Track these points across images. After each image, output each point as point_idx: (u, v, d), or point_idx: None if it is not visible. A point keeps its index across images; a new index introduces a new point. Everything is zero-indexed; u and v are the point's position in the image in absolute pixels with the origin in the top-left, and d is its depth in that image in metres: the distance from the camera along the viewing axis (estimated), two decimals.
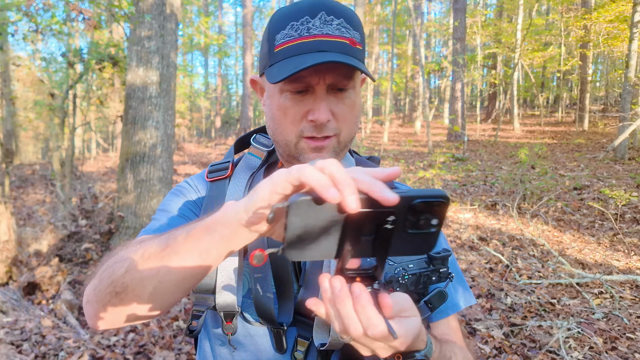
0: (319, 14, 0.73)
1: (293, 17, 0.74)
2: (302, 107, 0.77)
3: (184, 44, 25.39)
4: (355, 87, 0.79)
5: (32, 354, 2.85)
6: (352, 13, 0.78)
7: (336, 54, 0.72)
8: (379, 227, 0.47)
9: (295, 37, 0.74)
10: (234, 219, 0.55)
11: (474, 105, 25.36)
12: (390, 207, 0.45)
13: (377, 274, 0.54)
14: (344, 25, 0.75)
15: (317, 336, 0.77)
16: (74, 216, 5.67)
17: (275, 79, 0.72)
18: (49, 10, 5.90)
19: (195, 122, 29.47)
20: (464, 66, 15.00)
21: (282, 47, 0.75)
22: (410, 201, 0.46)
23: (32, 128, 16.67)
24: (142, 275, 0.61)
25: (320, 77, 0.74)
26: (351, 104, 0.79)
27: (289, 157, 0.83)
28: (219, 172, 0.89)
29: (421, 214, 0.47)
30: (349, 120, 0.80)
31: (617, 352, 2.78)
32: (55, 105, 7.56)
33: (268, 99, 0.82)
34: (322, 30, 0.73)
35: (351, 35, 0.76)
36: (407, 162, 11.68)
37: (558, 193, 7.10)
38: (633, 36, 9.14)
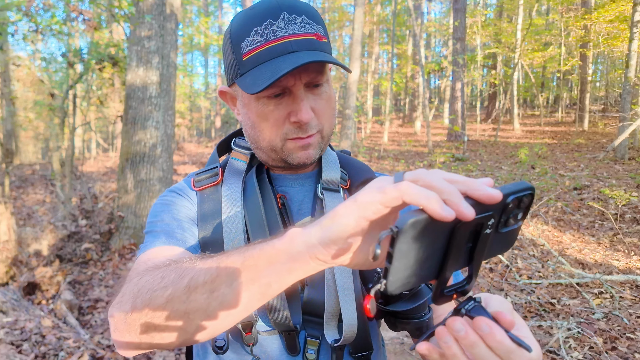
0: (281, 15, 0.73)
1: (255, 22, 0.73)
2: (283, 110, 0.76)
3: (184, 44, 25.41)
4: (328, 80, 0.80)
5: (32, 354, 2.85)
6: (311, 8, 0.78)
7: (306, 52, 0.72)
8: (479, 233, 0.45)
9: (262, 42, 0.72)
10: (305, 251, 0.48)
11: (474, 105, 25.37)
12: (491, 210, 0.43)
13: (471, 285, 0.49)
14: (307, 21, 0.75)
15: (328, 333, 0.77)
16: (74, 216, 5.67)
17: (253, 89, 0.71)
18: (49, 10, 5.90)
19: (195, 122, 29.47)
20: (464, 66, 15.00)
21: (251, 54, 0.73)
22: (505, 199, 0.43)
23: (32, 128, 16.68)
24: (188, 308, 0.55)
25: (295, 78, 0.74)
26: (327, 97, 0.80)
27: (275, 161, 0.83)
28: (209, 180, 0.86)
29: (512, 210, 0.45)
30: (328, 114, 0.81)
31: (617, 352, 2.78)
32: (55, 105, 7.56)
33: (243, 108, 0.81)
34: (288, 30, 0.72)
35: (316, 30, 0.75)
36: (407, 162, 11.68)
37: (558, 193, 7.10)
38: (633, 36, 9.14)
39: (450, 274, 0.46)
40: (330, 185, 0.86)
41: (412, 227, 0.40)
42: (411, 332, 0.80)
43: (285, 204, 0.85)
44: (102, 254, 5.09)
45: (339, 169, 0.89)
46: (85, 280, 4.50)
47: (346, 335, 0.75)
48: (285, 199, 0.86)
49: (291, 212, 0.85)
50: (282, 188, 0.88)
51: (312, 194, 0.88)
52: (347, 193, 0.89)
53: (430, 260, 0.44)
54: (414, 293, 0.77)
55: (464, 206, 0.41)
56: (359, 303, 0.77)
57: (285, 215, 0.84)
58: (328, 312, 0.78)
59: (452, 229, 0.43)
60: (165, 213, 0.82)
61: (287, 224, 0.83)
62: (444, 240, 0.43)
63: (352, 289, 0.77)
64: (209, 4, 33.95)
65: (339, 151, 1.00)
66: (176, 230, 0.79)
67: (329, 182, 0.86)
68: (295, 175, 0.89)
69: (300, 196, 0.87)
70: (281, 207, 0.85)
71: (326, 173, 0.86)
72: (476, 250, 0.46)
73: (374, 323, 0.86)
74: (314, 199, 0.87)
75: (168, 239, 0.77)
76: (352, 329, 0.76)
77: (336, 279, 0.77)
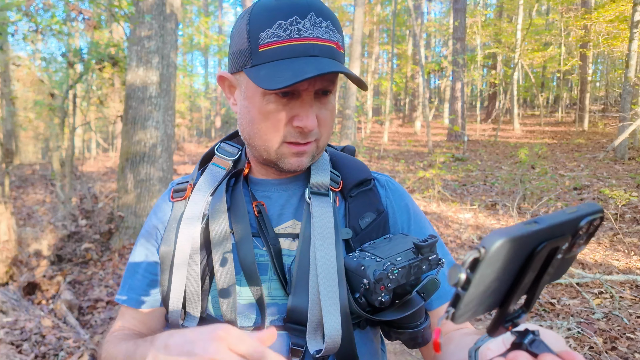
0: (309, 15, 0.70)
1: (280, 15, 0.70)
2: (288, 112, 0.74)
3: (184, 44, 25.40)
4: (335, 91, 0.78)
5: (32, 353, 2.85)
6: (334, 15, 0.76)
7: (328, 60, 0.70)
8: (551, 257, 0.41)
9: (285, 39, 0.69)
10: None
11: (474, 105, 25.37)
12: (566, 232, 0.39)
13: (527, 315, 0.46)
14: (331, 28, 0.73)
15: (311, 343, 0.74)
16: (74, 216, 5.67)
17: (271, 85, 0.68)
18: (49, 10, 5.90)
19: (195, 122, 29.46)
20: (464, 66, 15.00)
21: (269, 47, 0.70)
22: (579, 222, 0.40)
23: (32, 128, 16.67)
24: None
25: (309, 83, 0.72)
26: (332, 108, 0.78)
27: (265, 161, 0.81)
28: (180, 193, 0.87)
29: (580, 235, 0.41)
30: (329, 125, 0.79)
31: (617, 352, 2.77)
32: (55, 105, 7.56)
33: (245, 100, 0.78)
34: (313, 32, 0.70)
35: (337, 39, 0.74)
36: (407, 162, 11.68)
37: (558, 193, 7.10)
38: (633, 36, 9.14)
39: (515, 303, 0.43)
40: (318, 189, 0.83)
41: (501, 248, 0.35)
42: (405, 342, 0.77)
43: (262, 211, 0.82)
44: (102, 254, 5.09)
45: (328, 171, 0.85)
46: (85, 280, 4.50)
47: (328, 346, 0.72)
48: (263, 206, 0.83)
49: (269, 218, 0.83)
50: (263, 193, 0.86)
51: (296, 197, 0.85)
52: (339, 196, 0.86)
53: (501, 286, 0.40)
54: (405, 302, 0.74)
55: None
56: (345, 312, 0.73)
57: (262, 222, 0.81)
58: (311, 321, 0.74)
59: (532, 252, 0.39)
60: (135, 248, 0.90)
61: (265, 231, 0.81)
62: (519, 265, 0.40)
63: (337, 297, 0.73)
64: (209, 4, 33.95)
65: (342, 148, 0.97)
66: (135, 283, 0.88)
67: (317, 186, 0.83)
68: (279, 179, 0.86)
69: (283, 200, 0.85)
70: (257, 215, 0.82)
71: (314, 176, 0.83)
72: (542, 277, 0.42)
73: (365, 333, 0.82)
74: (298, 203, 0.85)
75: (130, 292, 0.88)
76: (335, 340, 0.72)
77: (320, 286, 0.73)
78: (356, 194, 0.86)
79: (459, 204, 7.01)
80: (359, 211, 0.84)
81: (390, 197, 0.90)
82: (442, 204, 7.16)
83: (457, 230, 5.72)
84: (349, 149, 0.97)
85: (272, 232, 0.81)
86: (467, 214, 6.50)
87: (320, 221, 0.78)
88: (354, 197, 0.85)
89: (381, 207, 0.86)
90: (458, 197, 7.57)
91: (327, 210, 0.80)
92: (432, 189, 7.80)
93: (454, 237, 5.45)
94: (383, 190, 0.90)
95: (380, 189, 0.90)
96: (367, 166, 0.94)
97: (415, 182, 8.63)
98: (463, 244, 5.15)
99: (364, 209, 0.84)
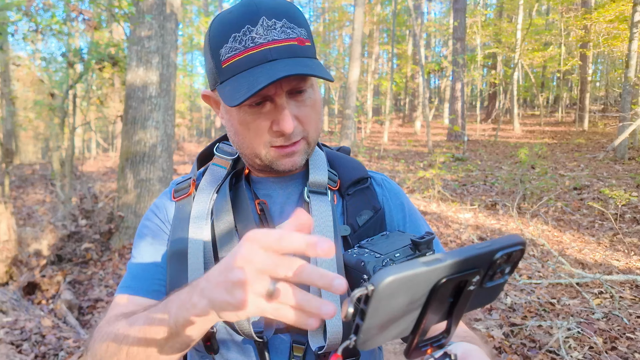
0: (260, 20, 0.69)
1: (233, 27, 0.70)
2: (265, 119, 0.75)
3: (184, 44, 25.39)
4: (312, 84, 0.77)
5: (32, 353, 2.85)
6: (293, 9, 0.74)
7: (287, 61, 0.70)
8: (461, 289, 0.43)
9: (241, 50, 0.70)
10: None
11: (474, 105, 25.36)
12: (477, 266, 0.42)
13: (448, 339, 0.49)
14: (288, 25, 0.71)
15: (312, 340, 0.75)
16: (74, 216, 5.67)
17: (231, 101, 0.69)
18: (49, 10, 5.90)
19: (195, 122, 29.47)
20: (464, 66, 15.00)
21: (229, 62, 0.71)
22: (494, 255, 0.42)
23: (32, 128, 16.67)
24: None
25: (276, 87, 0.71)
26: (312, 103, 0.78)
27: (260, 166, 0.82)
28: (183, 191, 0.86)
29: (500, 265, 0.43)
30: (313, 120, 0.79)
31: (617, 352, 2.78)
32: (55, 105, 7.56)
33: (227, 114, 0.80)
34: (267, 37, 0.70)
35: (297, 34, 0.72)
36: (407, 162, 11.68)
37: (558, 193, 7.10)
38: (633, 36, 9.14)
39: (427, 330, 0.45)
40: (317, 187, 0.84)
41: (389, 286, 0.38)
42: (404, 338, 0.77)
43: (265, 209, 0.83)
44: (102, 254, 5.09)
45: (326, 170, 0.87)
46: (85, 280, 4.50)
47: (330, 343, 0.73)
48: (265, 204, 0.84)
49: (272, 216, 0.84)
50: (265, 192, 0.87)
51: (296, 196, 0.87)
52: (337, 194, 0.87)
53: (407, 316, 0.42)
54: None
55: (324, 308, 0.43)
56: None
57: (265, 220, 0.82)
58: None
59: (434, 286, 0.41)
60: (138, 249, 0.87)
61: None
62: (423, 297, 0.41)
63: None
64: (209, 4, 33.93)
65: (337, 148, 0.98)
66: (140, 273, 0.84)
67: (316, 185, 0.84)
68: (279, 178, 0.87)
69: (283, 198, 0.86)
70: (260, 213, 0.83)
71: (313, 175, 0.85)
72: (457, 306, 0.45)
73: None
74: (298, 201, 0.86)
75: (133, 281, 0.83)
76: (336, 336, 0.73)
77: None
78: (353, 192, 0.87)
79: (459, 204, 7.01)
80: (356, 209, 0.85)
81: (386, 195, 0.91)
82: (442, 204, 7.16)
83: (457, 230, 5.72)
84: (344, 149, 0.98)
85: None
86: (467, 214, 6.50)
87: (319, 219, 0.79)
88: (351, 195, 0.87)
89: (378, 205, 0.88)
90: (458, 197, 7.58)
91: (326, 209, 0.81)
92: (432, 189, 7.80)
93: (454, 237, 5.45)
94: (379, 189, 0.92)
95: (376, 187, 0.91)
96: (365, 165, 0.95)
97: (415, 182, 8.63)
98: (463, 244, 5.15)
99: (361, 206, 0.86)
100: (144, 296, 0.81)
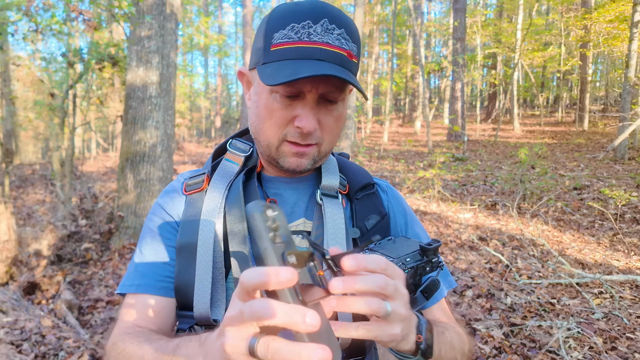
0: (322, 21, 0.72)
1: (294, 18, 0.73)
2: (290, 112, 0.76)
3: (184, 44, 25.38)
4: (344, 99, 0.80)
5: (32, 353, 2.85)
6: (352, 24, 0.77)
7: (332, 66, 0.72)
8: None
9: (295, 40, 0.72)
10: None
11: (474, 105, 25.37)
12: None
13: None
14: (344, 36, 0.74)
15: None
16: (74, 216, 5.67)
17: (269, 81, 0.71)
18: (49, 10, 5.90)
19: (195, 122, 29.46)
20: (464, 66, 15.00)
21: (279, 47, 0.73)
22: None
23: (32, 128, 16.68)
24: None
25: (313, 85, 0.73)
26: (338, 116, 0.80)
27: (269, 158, 0.83)
28: (196, 185, 0.87)
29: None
30: (333, 132, 0.81)
31: (617, 352, 2.78)
32: (55, 105, 7.56)
33: (255, 95, 0.81)
34: (323, 38, 0.72)
35: (349, 48, 0.75)
36: (407, 162, 11.68)
37: (558, 193, 7.11)
38: (633, 36, 9.14)
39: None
40: (329, 191, 0.87)
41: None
42: None
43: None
44: (102, 254, 5.09)
45: (338, 174, 0.90)
46: (85, 280, 4.50)
47: (341, 342, 0.74)
48: (276, 203, 0.85)
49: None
50: (275, 191, 0.88)
51: (306, 197, 0.88)
52: (345, 198, 0.90)
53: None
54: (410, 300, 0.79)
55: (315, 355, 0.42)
56: None
57: None
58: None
59: None
60: (145, 244, 0.86)
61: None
62: None
63: None
64: (209, 4, 33.95)
65: (338, 154, 1.00)
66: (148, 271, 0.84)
67: (328, 188, 0.87)
68: (290, 178, 0.89)
69: (294, 199, 0.88)
70: None
71: (325, 179, 0.87)
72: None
73: None
74: (308, 203, 0.87)
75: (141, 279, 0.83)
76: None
77: None
78: (361, 197, 0.91)
79: (459, 204, 7.01)
80: (364, 213, 0.89)
81: (391, 202, 0.95)
82: (442, 204, 7.16)
83: (457, 230, 5.72)
84: (344, 155, 1.02)
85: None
86: (467, 214, 6.50)
87: (332, 221, 0.82)
88: (360, 200, 0.90)
89: (384, 211, 0.91)
90: (458, 197, 7.58)
91: (338, 211, 0.84)
92: (432, 189, 7.80)
93: (454, 237, 5.45)
94: (385, 195, 0.95)
95: (382, 194, 0.95)
96: (365, 166, 0.97)
97: (415, 182, 8.63)
98: (463, 244, 5.15)
99: (369, 211, 0.89)
100: (153, 294, 0.82)
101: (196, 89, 29.22)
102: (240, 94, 28.70)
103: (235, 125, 27.69)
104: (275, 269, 0.43)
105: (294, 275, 0.42)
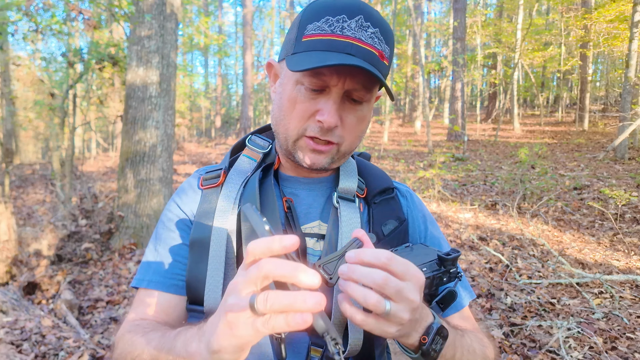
0: (357, 17, 0.71)
1: (331, 11, 0.72)
2: (313, 105, 0.75)
3: (184, 44, 25.36)
4: (370, 101, 0.78)
5: (32, 353, 2.85)
6: (388, 26, 0.76)
7: (362, 62, 0.70)
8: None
9: (327, 33, 0.71)
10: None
11: (474, 105, 25.37)
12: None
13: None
14: (378, 35, 0.73)
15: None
16: (74, 216, 5.67)
17: (295, 67, 0.70)
18: (49, 10, 5.90)
19: (195, 122, 29.46)
20: (464, 66, 14.99)
21: (311, 38, 0.72)
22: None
23: (32, 128, 16.66)
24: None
25: (340, 79, 0.72)
26: (362, 117, 0.78)
27: (286, 152, 0.82)
28: (212, 180, 0.86)
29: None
30: (354, 133, 0.79)
31: (617, 352, 2.78)
32: (55, 105, 7.56)
33: (280, 87, 0.80)
34: (356, 34, 0.71)
35: (382, 48, 0.74)
36: (407, 162, 11.68)
37: (558, 193, 7.10)
38: (633, 36, 9.14)
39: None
40: (346, 194, 0.85)
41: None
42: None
43: (292, 207, 0.83)
44: (102, 254, 5.09)
45: (356, 177, 0.87)
46: (85, 280, 4.50)
47: (351, 348, 0.73)
48: (292, 202, 0.84)
49: (297, 215, 0.83)
50: (291, 190, 0.87)
51: (323, 199, 0.87)
52: (363, 202, 0.88)
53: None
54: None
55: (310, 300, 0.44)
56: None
57: (291, 218, 0.82)
58: (334, 322, 0.75)
59: None
60: (160, 240, 0.86)
61: (293, 227, 0.82)
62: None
63: None
64: (209, 4, 33.93)
65: (358, 154, 0.98)
66: (161, 268, 0.84)
67: (345, 191, 0.85)
68: (308, 179, 0.87)
69: (310, 199, 0.86)
70: (287, 210, 0.83)
71: (343, 182, 0.85)
72: None
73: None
74: (325, 205, 0.86)
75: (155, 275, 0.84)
76: (357, 342, 0.74)
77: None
78: (379, 201, 0.88)
79: (459, 203, 7.01)
80: (381, 218, 0.86)
81: (410, 207, 0.92)
82: (442, 204, 7.16)
83: (457, 230, 5.72)
84: (365, 155, 0.99)
85: (299, 230, 0.82)
86: (467, 213, 6.50)
87: (348, 225, 0.80)
88: (377, 204, 0.88)
89: (402, 216, 0.89)
90: (458, 197, 7.58)
91: (355, 216, 0.82)
92: (432, 188, 7.80)
93: (454, 237, 5.45)
94: (404, 200, 0.93)
95: (401, 199, 0.93)
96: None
97: (415, 182, 8.62)
98: (463, 244, 5.15)
99: (387, 216, 0.87)
100: (163, 291, 0.82)
101: (196, 88, 29.20)
102: (240, 93, 28.69)
103: (235, 125, 27.69)
104: (280, 236, 0.46)
105: (297, 240, 0.45)
